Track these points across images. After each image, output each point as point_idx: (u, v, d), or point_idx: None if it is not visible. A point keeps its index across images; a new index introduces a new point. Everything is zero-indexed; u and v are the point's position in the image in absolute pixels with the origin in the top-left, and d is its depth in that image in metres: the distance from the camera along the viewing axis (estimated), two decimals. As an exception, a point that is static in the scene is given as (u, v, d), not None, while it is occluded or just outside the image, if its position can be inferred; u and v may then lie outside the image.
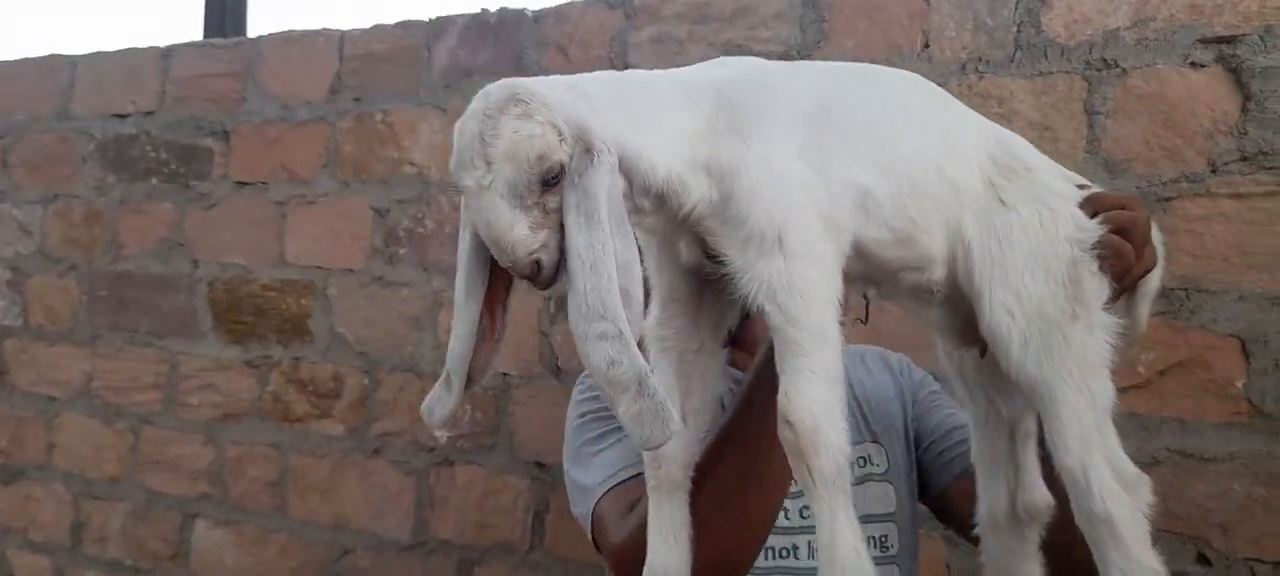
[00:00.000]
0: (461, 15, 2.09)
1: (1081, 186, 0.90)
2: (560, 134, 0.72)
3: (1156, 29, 1.49)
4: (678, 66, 1.83)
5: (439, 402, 0.82)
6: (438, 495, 2.08)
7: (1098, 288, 0.84)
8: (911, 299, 0.92)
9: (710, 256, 0.83)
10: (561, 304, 1.92)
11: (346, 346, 2.20)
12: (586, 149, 0.73)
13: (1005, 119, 1.57)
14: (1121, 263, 0.85)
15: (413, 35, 2.15)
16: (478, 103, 0.75)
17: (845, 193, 0.81)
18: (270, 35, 2.32)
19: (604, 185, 0.73)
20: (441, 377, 0.82)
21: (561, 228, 0.73)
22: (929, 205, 0.85)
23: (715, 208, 0.79)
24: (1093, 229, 0.85)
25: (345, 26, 2.24)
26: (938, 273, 0.87)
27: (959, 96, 1.60)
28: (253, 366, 2.31)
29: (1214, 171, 1.46)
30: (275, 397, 2.28)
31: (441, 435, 2.04)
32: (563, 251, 0.73)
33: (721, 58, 0.92)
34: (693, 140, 0.79)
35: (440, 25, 2.11)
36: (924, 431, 1.27)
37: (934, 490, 1.26)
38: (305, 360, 2.25)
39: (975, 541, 1.22)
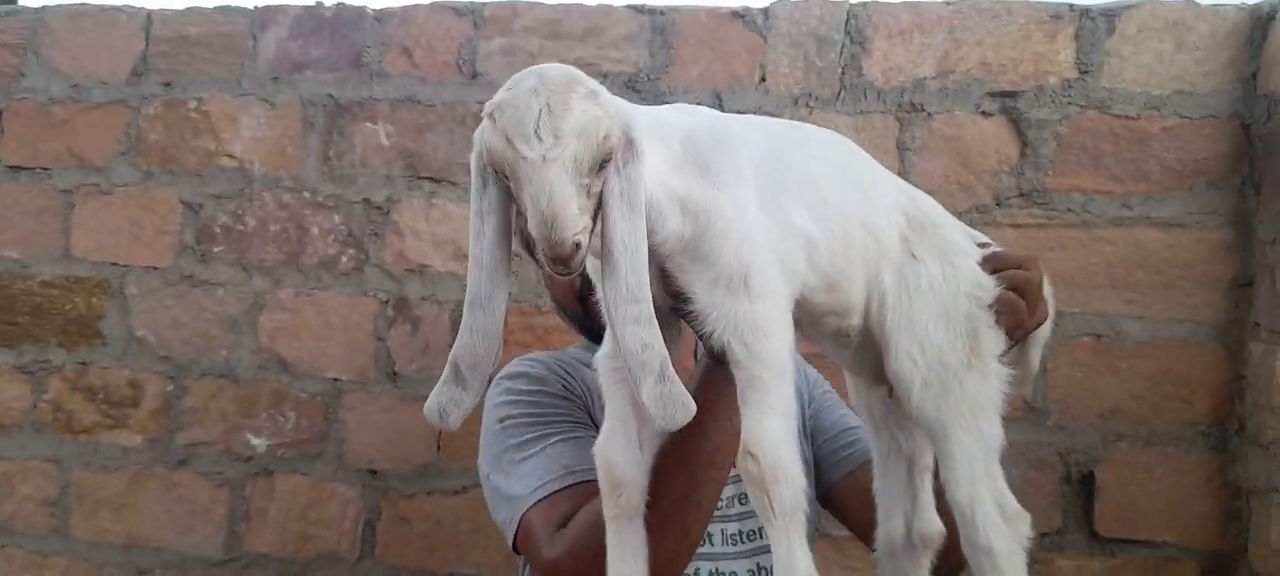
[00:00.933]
0: (293, 5, 2.01)
1: (981, 244, 0.99)
2: (612, 121, 0.75)
3: (955, 81, 1.74)
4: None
5: (455, 403, 0.80)
6: (255, 507, 1.97)
7: (994, 340, 0.93)
8: (831, 342, 0.98)
9: (670, 292, 0.86)
10: (398, 308, 1.91)
11: (147, 350, 2.03)
12: (629, 141, 0.77)
13: (832, 149, 1.77)
14: (1015, 318, 0.94)
15: (235, 21, 2.04)
16: (530, 80, 0.75)
17: (795, 239, 0.87)
18: (59, 6, 2.10)
19: (643, 177, 0.76)
20: (447, 377, 0.80)
21: (595, 214, 0.75)
22: (855, 255, 0.91)
23: (687, 244, 0.83)
24: (990, 287, 0.93)
25: (153, 4, 2.08)
26: (856, 320, 0.94)
27: (792, 127, 1.79)
28: (26, 372, 2.07)
29: (998, 204, 1.72)
30: (55, 407, 2.06)
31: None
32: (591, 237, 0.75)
33: (678, 104, 0.95)
34: (666, 174, 0.83)
35: (268, 14, 2.02)
36: (820, 428, 1.36)
37: (822, 487, 1.34)
38: (95, 365, 2.05)
39: (855, 535, 1.34)
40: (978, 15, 1.74)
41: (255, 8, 2.03)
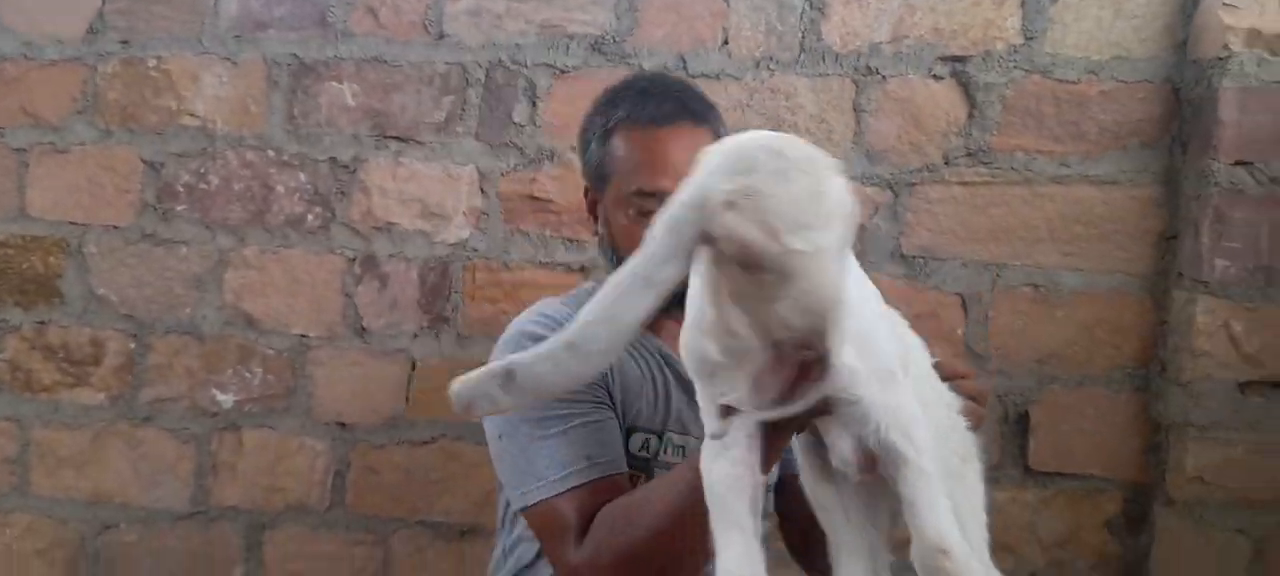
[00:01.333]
0: (255, -37, 2.00)
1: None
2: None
3: (908, 45, 1.82)
4: (497, 40, 1.91)
5: (491, 402, 0.71)
6: (222, 461, 1.99)
7: (972, 441, 0.95)
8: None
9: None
10: (366, 265, 1.94)
11: (108, 308, 2.02)
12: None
13: (791, 111, 1.84)
14: (979, 426, 0.98)
15: (194, -22, 2.02)
16: (768, 161, 0.66)
17: (874, 321, 0.84)
18: (9, -40, 2.06)
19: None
20: (497, 374, 0.71)
21: None
22: (881, 329, 0.88)
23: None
24: (950, 392, 0.95)
25: (108, -40, 2.05)
26: None
27: (754, 91, 1.87)
28: (-18, 332, 2.05)
29: (947, 163, 1.82)
30: (13, 366, 2.05)
31: None
32: None
33: None
34: None
35: (229, -29, 2.01)
36: None
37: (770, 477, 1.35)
38: (54, 324, 2.04)
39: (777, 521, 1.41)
40: (929, -17, 1.82)
41: (216, -36, 2.02)
